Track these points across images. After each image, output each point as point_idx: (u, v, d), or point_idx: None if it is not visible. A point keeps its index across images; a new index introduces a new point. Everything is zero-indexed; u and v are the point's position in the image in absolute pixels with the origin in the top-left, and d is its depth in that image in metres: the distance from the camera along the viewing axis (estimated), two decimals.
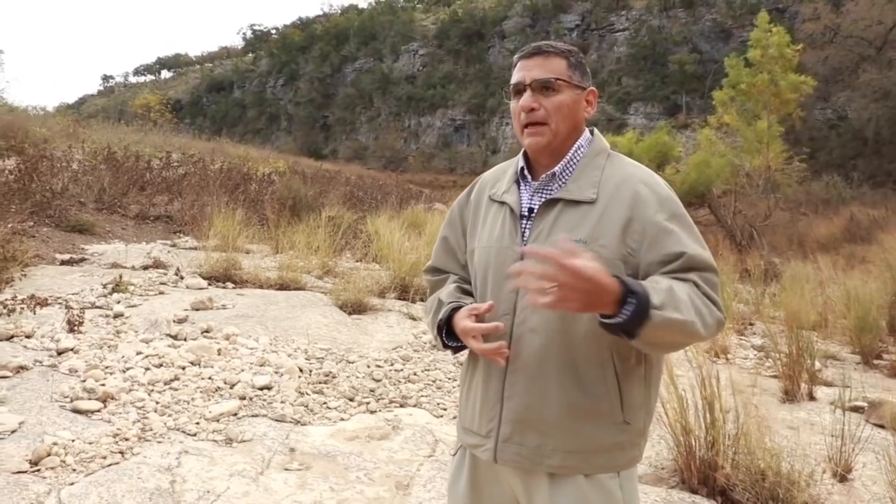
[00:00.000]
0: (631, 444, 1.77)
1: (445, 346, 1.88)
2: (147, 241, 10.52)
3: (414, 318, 7.23)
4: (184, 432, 3.79)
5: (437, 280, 2.06)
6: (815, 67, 27.03)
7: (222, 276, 7.90)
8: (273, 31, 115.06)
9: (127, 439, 3.54)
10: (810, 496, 3.58)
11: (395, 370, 5.40)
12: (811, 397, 5.77)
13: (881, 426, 5.03)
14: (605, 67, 63.99)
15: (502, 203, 1.87)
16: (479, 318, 1.75)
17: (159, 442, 3.62)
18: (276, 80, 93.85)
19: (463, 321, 1.77)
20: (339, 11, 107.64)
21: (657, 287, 1.57)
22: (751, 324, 8.77)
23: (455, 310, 1.84)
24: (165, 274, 7.77)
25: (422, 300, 8.19)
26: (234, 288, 7.61)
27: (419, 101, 76.48)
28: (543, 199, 1.80)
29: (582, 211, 1.74)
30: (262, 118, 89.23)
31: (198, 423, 3.89)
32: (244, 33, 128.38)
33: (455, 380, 5.46)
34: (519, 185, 1.87)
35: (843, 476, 4.10)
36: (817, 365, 6.14)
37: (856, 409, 5.24)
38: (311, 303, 7.05)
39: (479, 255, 1.88)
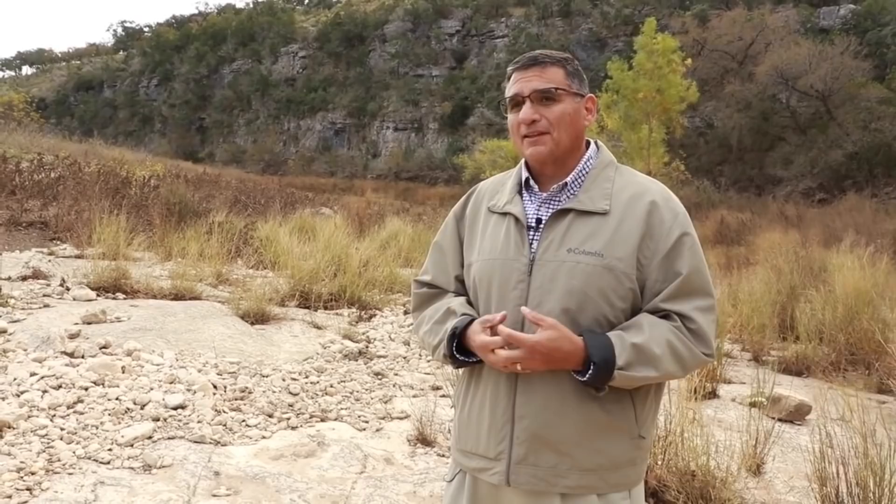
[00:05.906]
0: (641, 460, 1.74)
1: (452, 358, 1.76)
2: (21, 250, 9.73)
3: (319, 327, 7.01)
4: (96, 461, 3.44)
5: (430, 294, 1.94)
6: (686, 77, 28.48)
7: (111, 287, 7.39)
8: (146, 29, 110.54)
9: (34, 473, 3.17)
10: (734, 492, 3.68)
11: (311, 383, 5.18)
12: (714, 395, 5.98)
13: (781, 420, 5.29)
14: (484, 73, 64.74)
15: (504, 214, 1.79)
16: (494, 330, 1.65)
17: (70, 474, 3.27)
18: (150, 80, 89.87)
19: (479, 336, 1.66)
20: (216, 11, 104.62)
21: (629, 342, 1.59)
22: None
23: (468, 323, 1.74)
24: (48, 285, 7.20)
25: (325, 308, 7.97)
26: (125, 299, 7.14)
27: (299, 104, 75.11)
28: (553, 210, 1.73)
29: (594, 222, 1.69)
30: (135, 119, 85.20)
31: (110, 450, 3.55)
32: (115, 30, 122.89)
33: (372, 390, 5.32)
34: (522, 196, 1.80)
35: (757, 470, 4.26)
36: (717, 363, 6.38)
37: (754, 405, 5.49)
38: (210, 313, 6.71)
39: (479, 267, 1.78)
